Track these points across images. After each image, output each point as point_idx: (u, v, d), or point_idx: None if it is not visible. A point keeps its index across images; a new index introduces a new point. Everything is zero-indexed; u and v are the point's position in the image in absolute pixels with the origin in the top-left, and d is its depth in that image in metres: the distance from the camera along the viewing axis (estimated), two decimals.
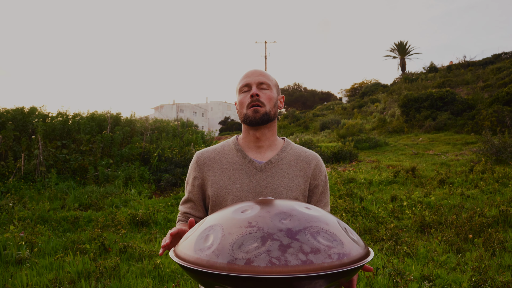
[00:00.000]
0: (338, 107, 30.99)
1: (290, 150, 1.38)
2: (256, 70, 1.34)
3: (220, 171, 1.32)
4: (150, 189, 8.60)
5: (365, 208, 6.34)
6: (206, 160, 1.35)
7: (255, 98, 1.27)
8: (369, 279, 3.58)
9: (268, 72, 1.37)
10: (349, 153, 12.81)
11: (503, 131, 13.02)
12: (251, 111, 1.28)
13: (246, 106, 1.29)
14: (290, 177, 1.32)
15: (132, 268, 4.10)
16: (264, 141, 1.34)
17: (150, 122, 13.47)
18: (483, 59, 31.44)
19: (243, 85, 1.32)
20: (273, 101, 1.32)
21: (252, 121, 1.28)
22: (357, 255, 0.74)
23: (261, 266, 0.65)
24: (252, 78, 1.31)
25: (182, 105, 50.86)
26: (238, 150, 1.34)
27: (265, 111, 1.28)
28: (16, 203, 6.80)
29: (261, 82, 1.30)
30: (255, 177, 1.29)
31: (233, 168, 1.31)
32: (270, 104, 1.30)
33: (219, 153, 1.36)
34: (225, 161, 1.33)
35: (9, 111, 10.57)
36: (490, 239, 4.61)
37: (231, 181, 1.29)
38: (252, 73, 1.33)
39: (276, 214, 0.75)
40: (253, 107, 1.28)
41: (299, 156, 1.37)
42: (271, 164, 1.31)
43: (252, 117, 1.28)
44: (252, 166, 1.31)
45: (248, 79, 1.32)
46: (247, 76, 1.33)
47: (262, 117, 1.28)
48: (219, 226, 0.75)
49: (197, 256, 0.72)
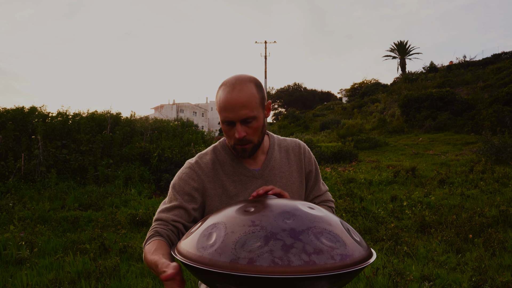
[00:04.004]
0: (338, 107, 31.00)
1: (277, 146, 1.37)
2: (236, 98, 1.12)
3: (220, 184, 1.27)
4: (150, 189, 8.59)
5: (365, 208, 6.34)
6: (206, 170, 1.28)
7: (242, 139, 1.18)
8: (369, 279, 3.58)
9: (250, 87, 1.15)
10: (349, 153, 12.81)
11: (503, 131, 13.02)
12: (240, 149, 1.22)
13: (233, 142, 1.21)
14: (287, 175, 1.33)
15: (132, 268, 4.10)
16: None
17: (150, 122, 13.47)
18: (483, 59, 31.46)
19: (224, 120, 1.16)
20: (260, 128, 1.21)
21: (241, 157, 1.25)
22: (360, 257, 0.74)
23: (263, 266, 0.65)
24: (234, 113, 1.13)
25: (182, 105, 50.86)
26: (232, 160, 1.30)
27: (253, 145, 1.22)
28: (16, 203, 6.80)
29: (245, 118, 1.14)
30: (256, 186, 1.28)
31: (232, 180, 1.28)
32: (258, 134, 1.21)
33: (214, 162, 1.29)
34: (223, 173, 1.28)
35: (9, 111, 10.56)
36: (490, 239, 4.61)
37: (233, 195, 1.26)
38: (234, 106, 1.13)
39: (279, 214, 0.75)
40: (240, 146, 1.21)
41: (287, 150, 1.37)
42: (266, 168, 1.30)
43: (241, 155, 1.24)
44: (250, 175, 1.29)
45: (229, 113, 1.14)
46: (227, 107, 1.13)
47: (251, 152, 1.23)
48: (222, 224, 0.75)
49: (200, 254, 0.72)
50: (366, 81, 41.80)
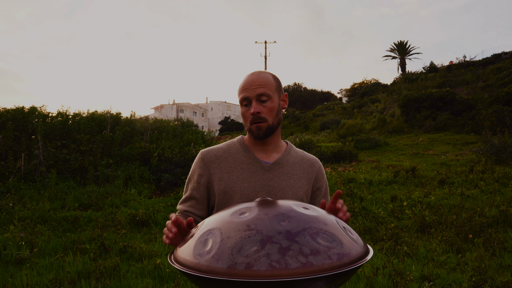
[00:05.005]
0: (338, 107, 30.99)
1: (293, 153, 1.40)
2: (255, 79, 1.27)
3: (227, 169, 1.31)
4: (150, 189, 8.60)
5: (365, 208, 6.35)
6: (212, 158, 1.33)
7: (256, 115, 1.26)
8: (369, 279, 3.58)
9: (267, 74, 1.30)
10: (349, 153, 12.81)
11: (503, 131, 13.01)
12: (254, 128, 1.28)
13: (249, 122, 1.28)
14: (295, 178, 1.34)
15: (132, 268, 4.10)
16: (270, 144, 1.35)
17: (150, 122, 13.47)
18: (483, 59, 31.47)
19: (242, 98, 1.28)
20: (275, 110, 1.29)
21: (256, 137, 1.29)
22: (357, 255, 0.74)
23: (261, 270, 0.65)
24: (250, 91, 1.26)
25: (182, 105, 50.86)
26: (245, 150, 1.35)
27: (268, 125, 1.28)
28: (16, 203, 6.80)
29: (261, 94, 1.25)
30: (263, 177, 1.30)
31: (240, 167, 1.32)
32: (272, 115, 1.29)
33: (225, 151, 1.35)
34: (232, 160, 1.33)
35: (9, 111, 10.57)
36: (490, 239, 4.61)
37: (239, 180, 1.30)
38: (250, 84, 1.26)
39: (274, 216, 0.75)
40: (255, 124, 1.27)
41: (302, 159, 1.40)
42: (277, 165, 1.33)
43: (256, 134, 1.29)
44: (259, 166, 1.32)
45: (246, 92, 1.26)
46: (245, 87, 1.27)
47: (265, 132, 1.28)
48: (218, 230, 0.75)
49: (197, 261, 0.72)
50: (366, 81, 41.80)
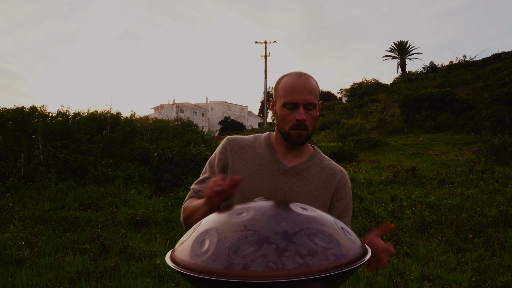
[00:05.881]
0: (338, 107, 30.99)
1: (318, 160, 1.35)
2: (305, 84, 1.22)
3: (245, 162, 1.30)
4: (150, 189, 8.59)
5: (365, 208, 6.34)
6: (235, 147, 1.33)
7: (302, 123, 1.22)
8: (369, 279, 3.58)
9: (314, 81, 1.26)
10: (349, 153, 12.81)
11: (503, 131, 13.00)
12: (295, 135, 1.24)
13: (290, 126, 1.24)
14: (312, 186, 1.29)
15: (132, 268, 4.10)
16: (296, 148, 1.32)
17: (150, 122, 13.46)
18: (483, 59, 31.47)
19: (289, 102, 1.21)
20: (316, 118, 1.27)
21: (295, 143, 1.26)
22: (355, 255, 0.74)
23: (258, 271, 0.64)
24: (300, 96, 1.21)
25: (182, 105, 50.86)
26: (268, 147, 1.32)
27: (308, 133, 1.26)
28: (16, 203, 6.80)
29: (310, 102, 1.21)
30: (277, 179, 1.28)
31: (258, 163, 1.30)
32: (313, 124, 1.26)
33: (249, 144, 1.34)
34: (253, 154, 1.31)
35: (9, 111, 10.56)
36: (490, 239, 4.61)
37: (253, 175, 1.28)
38: (301, 89, 1.21)
39: (271, 217, 0.74)
40: (297, 131, 1.24)
41: (325, 168, 1.34)
42: (295, 170, 1.29)
43: (295, 140, 1.25)
44: (277, 166, 1.29)
45: (296, 96, 1.21)
46: (294, 90, 1.21)
47: (305, 140, 1.26)
48: (215, 230, 0.75)
49: (194, 261, 0.71)
50: (366, 81, 41.80)
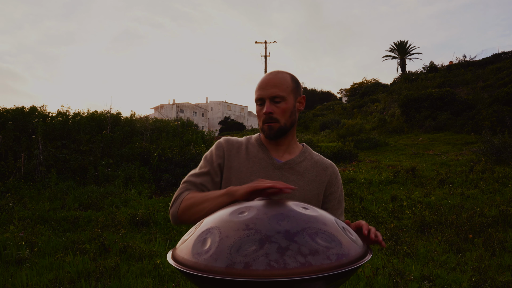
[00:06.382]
0: (338, 107, 30.99)
1: (308, 155, 1.39)
2: (271, 79, 1.28)
3: (239, 160, 1.34)
4: (150, 189, 8.59)
5: (365, 208, 6.34)
6: (230, 146, 1.37)
7: (268, 116, 1.27)
8: (369, 279, 3.58)
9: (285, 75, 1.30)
10: (349, 153, 12.81)
11: (503, 131, 13.01)
12: (266, 128, 1.29)
13: (262, 121, 1.30)
14: (305, 180, 1.33)
15: (132, 268, 4.10)
16: (283, 144, 1.36)
17: (150, 122, 13.46)
18: (483, 59, 31.47)
19: (257, 98, 1.29)
20: (288, 112, 1.29)
21: (267, 136, 1.31)
22: (356, 255, 0.74)
23: (259, 270, 0.64)
24: (265, 91, 1.27)
25: (182, 105, 50.86)
26: (260, 146, 1.37)
27: (279, 126, 1.28)
28: (16, 203, 6.79)
29: (275, 96, 1.26)
30: (272, 174, 1.31)
31: (252, 160, 1.33)
32: (285, 117, 1.29)
33: (242, 144, 1.38)
34: (246, 152, 1.35)
35: (9, 111, 10.56)
36: (490, 239, 4.61)
37: (248, 172, 1.31)
38: (266, 84, 1.28)
39: (273, 216, 0.74)
40: (267, 124, 1.28)
41: (316, 162, 1.39)
42: (288, 165, 1.33)
43: (267, 133, 1.30)
44: (270, 162, 1.33)
45: (261, 92, 1.28)
46: (261, 87, 1.29)
47: (276, 133, 1.29)
48: (217, 229, 0.75)
49: (195, 260, 0.71)
50: (366, 81, 41.79)
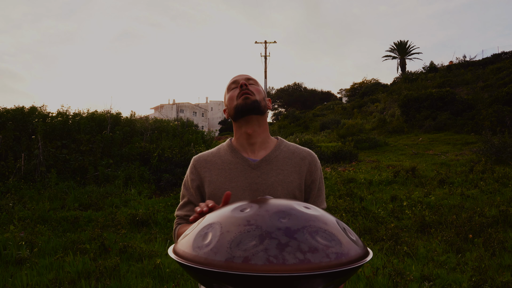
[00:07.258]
0: (338, 107, 30.98)
1: (284, 147, 1.39)
2: (243, 75, 1.41)
3: (216, 172, 1.35)
4: (150, 189, 8.59)
5: (365, 208, 6.34)
6: (203, 163, 1.38)
7: (245, 88, 1.32)
8: (369, 279, 3.58)
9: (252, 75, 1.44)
10: (349, 153, 12.81)
11: (503, 131, 13.01)
12: (242, 99, 1.31)
13: (236, 97, 1.33)
14: (285, 173, 1.33)
15: (132, 268, 4.10)
16: (256, 137, 1.35)
17: (150, 122, 13.47)
18: (483, 59, 31.45)
19: (231, 83, 1.38)
20: (262, 94, 1.36)
21: (243, 107, 1.30)
22: (356, 255, 0.74)
23: (258, 264, 0.65)
24: (239, 77, 1.39)
25: (182, 105, 50.88)
26: (232, 151, 1.37)
27: (256, 99, 1.31)
28: (16, 203, 6.80)
29: (249, 79, 1.38)
30: (250, 175, 1.31)
31: (228, 167, 1.34)
32: (260, 96, 1.34)
33: (214, 155, 1.39)
34: (221, 162, 1.36)
35: (9, 111, 10.57)
36: (490, 239, 4.61)
37: (227, 180, 1.32)
38: (239, 75, 1.41)
39: (275, 213, 0.75)
40: (243, 95, 1.31)
41: (293, 153, 1.39)
42: (265, 162, 1.34)
43: (243, 103, 1.30)
44: (246, 164, 1.33)
45: (235, 78, 1.40)
46: (234, 79, 1.40)
47: (252, 103, 1.30)
48: (218, 224, 0.76)
49: (195, 253, 0.72)
50: (366, 81, 41.79)
